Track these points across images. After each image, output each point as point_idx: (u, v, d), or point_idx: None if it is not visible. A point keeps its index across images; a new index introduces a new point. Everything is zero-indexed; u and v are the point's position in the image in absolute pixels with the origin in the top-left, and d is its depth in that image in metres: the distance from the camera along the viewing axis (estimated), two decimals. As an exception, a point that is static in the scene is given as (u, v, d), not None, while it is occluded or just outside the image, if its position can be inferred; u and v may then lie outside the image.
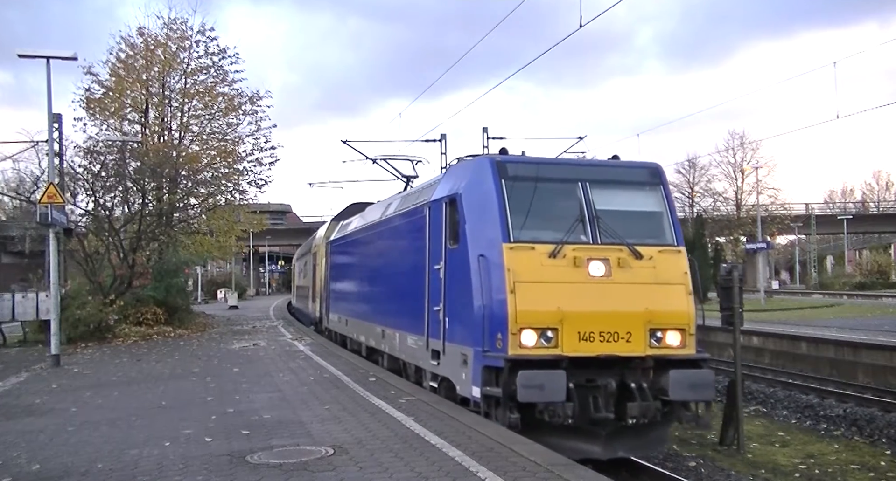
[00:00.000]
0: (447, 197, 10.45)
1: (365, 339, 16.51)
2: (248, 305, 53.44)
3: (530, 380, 8.32)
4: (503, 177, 9.58)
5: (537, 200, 9.61)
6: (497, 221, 9.29)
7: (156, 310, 25.00)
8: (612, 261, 9.19)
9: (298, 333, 24.76)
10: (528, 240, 9.21)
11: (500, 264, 9.00)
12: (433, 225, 10.99)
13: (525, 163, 10.06)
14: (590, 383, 8.81)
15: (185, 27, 30.56)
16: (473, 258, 9.39)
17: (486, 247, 9.30)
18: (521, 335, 8.75)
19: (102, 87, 29.34)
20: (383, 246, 14.81)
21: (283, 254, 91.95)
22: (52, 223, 16.83)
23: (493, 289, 8.99)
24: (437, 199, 10.89)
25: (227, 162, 30.90)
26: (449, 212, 10.33)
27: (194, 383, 13.31)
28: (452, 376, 10.11)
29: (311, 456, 7.49)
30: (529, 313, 8.79)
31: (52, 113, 18.92)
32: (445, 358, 10.30)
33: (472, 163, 10.54)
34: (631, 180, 10.27)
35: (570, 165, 10.46)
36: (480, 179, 9.83)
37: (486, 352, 8.93)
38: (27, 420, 10.14)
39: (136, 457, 7.68)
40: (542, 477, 6.55)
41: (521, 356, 8.64)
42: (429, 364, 11.12)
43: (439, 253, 10.57)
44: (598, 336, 8.88)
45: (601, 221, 9.50)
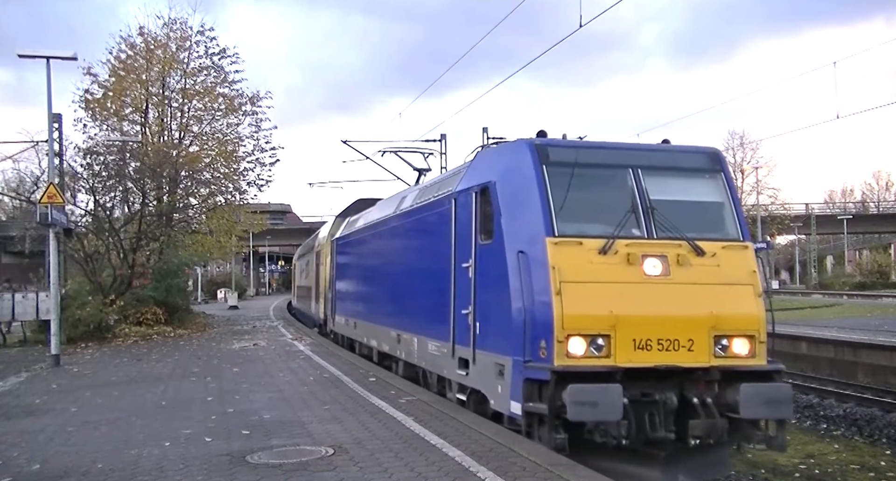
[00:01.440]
0: (477, 186, 9.33)
1: (377, 344, 15.32)
2: (248, 305, 53.44)
3: (582, 396, 7.23)
4: (544, 162, 8.45)
5: (583, 189, 8.49)
6: (539, 213, 8.16)
7: (156, 310, 25.00)
8: (671, 257, 8.10)
9: (298, 333, 24.76)
10: (574, 233, 8.08)
11: (543, 261, 7.91)
12: (460, 218, 9.87)
13: (568, 147, 8.89)
14: (645, 398, 7.68)
15: (184, 27, 30.61)
16: (511, 255, 8.28)
17: (525, 241, 8.20)
18: (569, 343, 7.64)
19: (102, 88, 29.37)
20: (398, 242, 13.75)
21: (283, 254, 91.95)
22: (52, 223, 16.84)
23: (535, 290, 7.88)
24: (465, 190, 9.75)
25: (228, 162, 30.93)
26: (480, 204, 9.23)
27: (194, 383, 13.31)
28: (485, 389, 8.95)
29: (311, 456, 7.49)
30: (578, 318, 7.68)
31: (52, 113, 18.93)
32: (476, 368, 9.16)
33: (507, 147, 9.38)
34: (688, 166, 9.11)
35: (618, 150, 9.21)
36: (518, 166, 8.70)
37: (528, 363, 7.78)
38: (27, 420, 10.14)
39: (136, 457, 7.69)
40: (541, 477, 6.55)
41: (570, 367, 7.53)
42: (455, 374, 9.94)
43: (468, 249, 9.45)
44: (656, 344, 7.76)
45: (656, 213, 8.35)
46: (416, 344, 12.03)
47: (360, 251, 17.45)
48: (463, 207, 9.78)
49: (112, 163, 25.53)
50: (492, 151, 10.03)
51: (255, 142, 31.81)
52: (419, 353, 11.86)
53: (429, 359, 11.34)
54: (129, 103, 29.90)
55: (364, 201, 21.85)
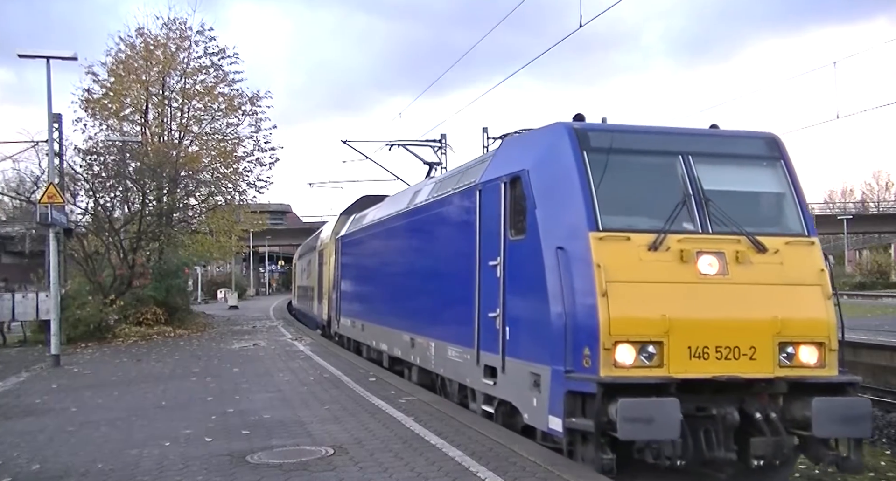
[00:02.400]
0: (507, 176, 8.48)
1: (387, 348, 14.38)
2: (248, 305, 53.44)
3: (635, 412, 6.43)
4: (584, 148, 7.63)
5: (628, 178, 7.76)
6: (581, 204, 7.32)
7: (156, 310, 25.00)
8: (728, 254, 7.28)
9: (298, 333, 24.76)
10: (620, 227, 7.26)
11: (586, 259, 7.09)
12: (485, 212, 9.03)
13: (611, 131, 8.05)
14: (701, 413, 6.89)
15: (184, 27, 30.63)
16: (548, 251, 7.43)
17: (565, 237, 7.36)
18: (617, 351, 6.83)
19: (102, 88, 29.40)
20: (412, 239, 12.87)
21: (283, 254, 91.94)
22: (52, 223, 16.84)
23: (577, 292, 7.05)
24: (491, 180, 8.93)
25: (227, 162, 30.95)
26: (510, 195, 8.40)
27: (194, 383, 13.31)
28: (517, 401, 8.12)
29: (311, 456, 7.49)
30: (627, 322, 6.87)
31: (52, 113, 18.93)
32: (505, 377, 8.31)
33: (542, 133, 8.52)
34: (744, 153, 8.25)
35: (666, 134, 8.33)
36: (555, 152, 7.88)
37: (570, 373, 6.95)
38: (27, 420, 10.14)
39: (136, 457, 7.69)
40: (541, 476, 6.56)
41: (620, 378, 6.73)
42: (480, 383, 9.08)
43: (495, 246, 8.61)
44: (714, 352, 6.94)
45: (711, 205, 7.53)
46: (432, 349, 11.19)
47: (367, 249, 16.59)
48: (489, 200, 8.95)
49: (112, 163, 25.54)
50: (523, 137, 9.19)
51: (254, 143, 31.88)
52: (436, 359, 11.02)
53: (448, 365, 10.46)
54: (129, 103, 29.94)
55: (370, 198, 21.04)
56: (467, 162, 11.16)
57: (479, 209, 9.19)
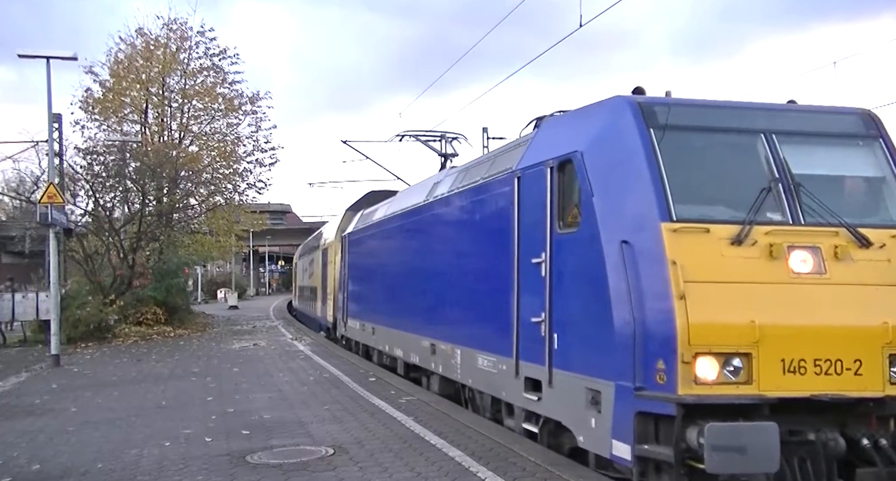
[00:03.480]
0: (553, 160, 7.41)
1: (403, 354, 13.17)
2: (248, 305, 53.45)
3: (728, 439, 5.41)
4: (651, 125, 6.62)
5: (703, 160, 6.79)
6: (650, 190, 6.32)
7: (156, 310, 25.01)
8: (825, 250, 6.24)
9: (298, 333, 24.76)
10: (697, 218, 6.25)
11: (657, 254, 6.08)
12: (526, 202, 7.96)
13: (680, 105, 6.98)
14: (795, 437, 5.84)
15: (184, 27, 30.63)
16: (610, 246, 6.39)
17: (630, 228, 6.34)
18: (697, 364, 5.78)
19: (102, 88, 29.42)
20: (432, 235, 11.67)
21: (283, 254, 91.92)
22: (52, 223, 16.86)
23: (647, 293, 6.04)
24: (533, 166, 7.85)
25: (227, 162, 30.96)
26: (559, 182, 7.33)
27: (194, 383, 13.31)
28: (569, 420, 7.03)
29: (311, 456, 7.49)
30: (709, 330, 5.83)
31: (52, 113, 18.94)
32: (553, 392, 7.22)
33: (597, 109, 7.38)
34: (835, 131, 7.16)
35: (745, 110, 7.29)
36: (616, 131, 6.86)
37: (641, 391, 5.91)
38: (27, 420, 10.14)
39: (136, 457, 7.69)
40: (541, 477, 6.55)
41: (704, 398, 5.71)
42: (520, 397, 7.95)
43: (538, 240, 7.54)
44: (812, 365, 5.89)
45: (802, 191, 6.49)
46: (458, 356, 10.03)
47: (379, 247, 15.48)
48: (530, 188, 7.87)
49: (112, 163, 25.54)
50: (571, 116, 8.00)
51: (254, 143, 31.88)
52: (463, 368, 9.87)
53: (478, 376, 9.31)
54: (129, 103, 29.94)
55: (378, 193, 20.18)
56: (497, 148, 9.95)
57: (518, 199, 8.10)
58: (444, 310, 10.93)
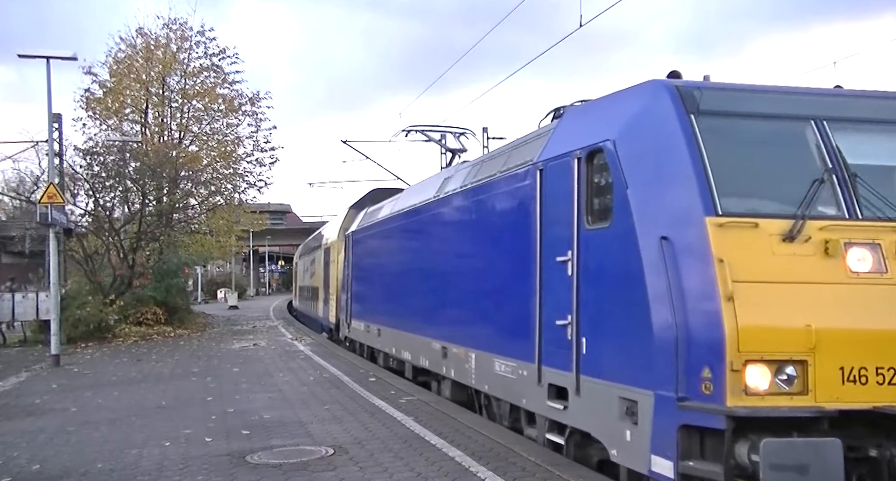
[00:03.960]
0: (581, 150, 6.86)
1: (411, 357, 12.64)
2: (248, 305, 53.46)
3: (786, 457, 4.96)
4: (691, 111, 6.14)
5: (749, 148, 6.26)
6: (692, 181, 5.83)
7: (156, 310, 25.03)
8: (886, 247, 5.75)
9: (298, 333, 24.76)
10: (744, 211, 5.75)
11: (702, 251, 5.60)
12: (549, 196, 7.45)
13: (723, 90, 6.54)
14: (854, 453, 5.31)
15: (184, 27, 30.65)
16: (647, 242, 5.91)
17: (671, 223, 5.85)
18: (747, 372, 5.29)
19: (102, 88, 29.42)
20: (444, 232, 11.10)
21: (283, 254, 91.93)
22: (52, 223, 16.87)
23: (690, 294, 5.55)
24: (558, 157, 7.33)
25: (227, 162, 30.97)
26: (587, 174, 6.80)
27: (194, 383, 13.31)
28: (600, 432, 6.50)
29: (311, 456, 7.49)
30: (761, 334, 5.35)
31: (51, 113, 18.96)
32: (581, 401, 6.69)
33: (630, 94, 6.88)
34: (892, 118, 6.62)
35: (791, 95, 6.72)
36: (653, 117, 6.39)
37: (684, 402, 5.41)
38: (27, 420, 10.14)
39: (136, 457, 7.69)
40: (541, 477, 6.55)
41: (758, 410, 5.22)
42: (543, 406, 7.42)
43: (564, 237, 7.02)
44: (874, 374, 5.41)
45: (860, 182, 5.99)
46: (472, 361, 9.50)
47: (385, 245, 14.94)
48: (554, 181, 7.34)
49: (112, 163, 25.56)
50: (601, 102, 7.44)
51: (254, 143, 31.90)
52: (478, 374, 9.34)
53: (495, 382, 8.77)
54: (129, 103, 29.95)
55: (382, 191, 19.62)
56: (515, 140, 9.38)
57: (540, 193, 7.58)
58: (456, 311, 10.36)
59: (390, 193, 17.35)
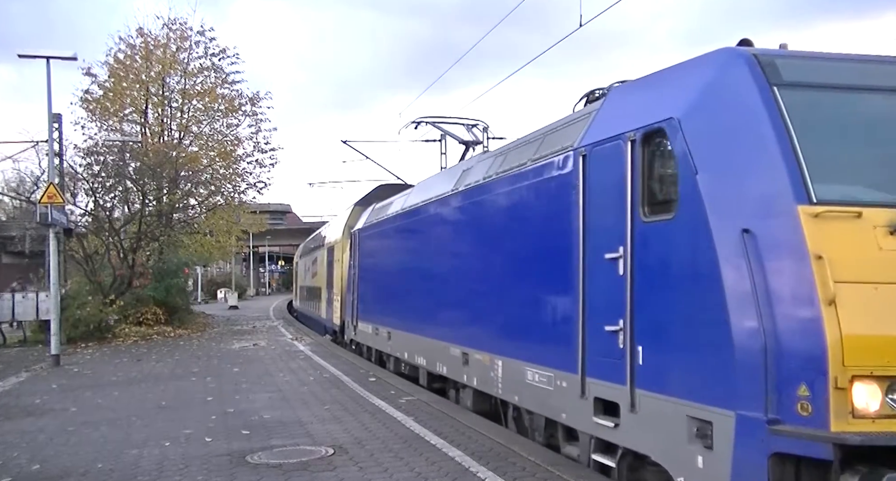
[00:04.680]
0: (637, 131, 6.02)
1: (426, 363, 11.80)
2: (248, 305, 53.44)
3: None
4: (774, 82, 5.32)
5: (843, 126, 5.49)
6: (779, 165, 5.02)
7: (156, 310, 25.03)
8: None
9: (298, 333, 24.75)
10: (844, 200, 4.94)
11: (794, 246, 4.80)
12: (595, 185, 6.60)
13: (809, 59, 5.74)
14: None
15: (184, 27, 30.65)
16: (723, 236, 5.08)
17: (753, 214, 5.03)
18: (854, 390, 4.51)
19: (102, 88, 29.42)
20: (465, 228, 10.26)
21: (283, 254, 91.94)
22: (52, 223, 16.86)
23: (780, 297, 4.76)
24: (605, 140, 6.49)
25: (227, 162, 30.98)
26: (642, 159, 5.98)
27: (194, 383, 13.31)
28: (662, 455, 5.68)
29: (311, 456, 7.49)
30: (870, 345, 4.57)
31: (51, 113, 18.95)
32: (638, 418, 5.87)
33: (699, 65, 6.01)
34: None
35: (886, 64, 5.87)
36: (727, 90, 5.57)
37: (776, 425, 4.62)
38: (27, 420, 10.14)
39: (136, 457, 7.69)
40: (541, 477, 6.55)
41: (872, 437, 4.44)
42: (588, 422, 6.61)
43: (615, 231, 6.19)
44: None
45: None
46: (499, 368, 8.69)
47: (397, 242, 14.15)
48: (601, 167, 6.53)
49: (112, 163, 25.56)
50: (657, 77, 6.57)
51: (254, 143, 31.90)
52: (506, 383, 8.52)
53: (527, 393, 7.92)
54: (129, 103, 29.95)
55: (389, 187, 18.94)
56: (547, 126, 8.36)
57: (583, 182, 6.75)
58: (480, 314, 9.46)
59: (398, 190, 16.66)
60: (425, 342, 11.72)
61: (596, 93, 7.67)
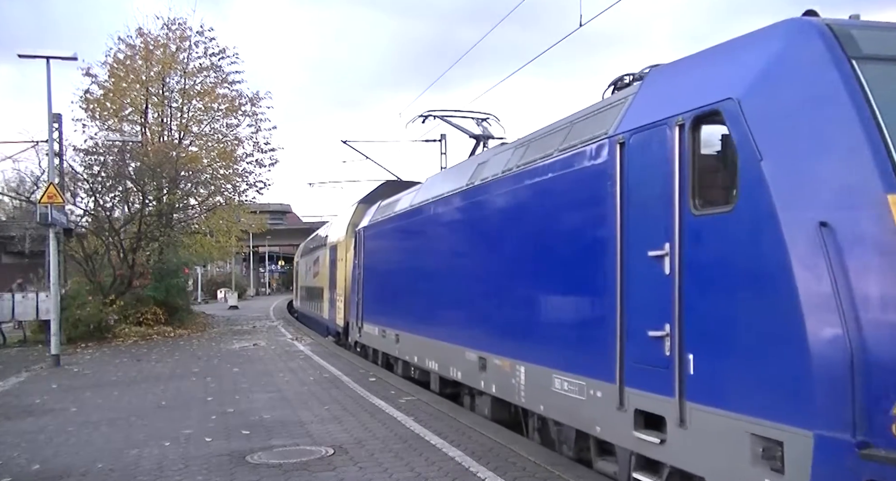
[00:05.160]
0: (686, 114, 5.39)
1: (438, 367, 11.12)
2: (248, 305, 53.46)
3: None
4: (852, 55, 4.74)
5: None
6: (863, 148, 4.44)
7: (156, 310, 25.04)
8: None
9: (298, 333, 24.76)
10: None
11: (884, 242, 4.28)
12: (635, 175, 5.99)
13: (889, 30, 5.20)
14: None
15: (184, 27, 30.66)
16: (794, 230, 4.50)
17: (831, 205, 4.48)
18: None
19: (102, 89, 29.44)
20: (482, 224, 9.55)
21: (283, 254, 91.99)
22: (52, 223, 16.87)
23: (867, 300, 4.24)
24: (647, 126, 5.89)
25: (227, 162, 30.99)
26: (695, 145, 5.37)
27: (194, 383, 13.31)
28: (718, 478, 5.04)
29: (311, 456, 7.50)
30: None
31: (52, 113, 18.96)
32: (688, 434, 5.24)
33: (759, 38, 5.35)
34: None
35: None
36: (796, 65, 4.95)
37: (867, 448, 4.08)
38: (27, 420, 10.14)
39: (136, 457, 7.69)
40: (541, 477, 6.55)
41: None
42: (627, 437, 5.96)
43: (660, 226, 5.57)
44: None
45: None
46: (521, 375, 8.01)
47: (406, 240, 13.56)
48: (642, 156, 5.93)
49: (112, 163, 25.57)
50: (707, 55, 5.91)
51: (254, 144, 31.91)
52: (530, 391, 7.84)
53: (554, 402, 7.23)
54: (129, 103, 29.96)
55: (395, 184, 18.43)
56: (571, 114, 7.81)
57: (621, 172, 6.14)
58: (499, 316, 8.85)
59: (403, 187, 16.29)
60: (437, 345, 11.10)
61: (625, 79, 7.15)
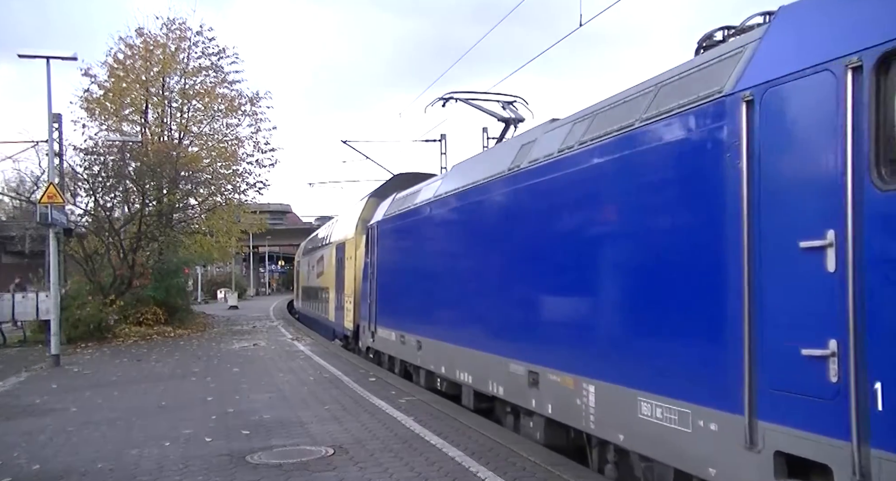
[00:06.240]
0: (864, 53, 4.05)
1: (472, 380, 9.65)
2: (248, 305, 53.43)
3: None
4: None
5: None
6: None
7: (156, 310, 25.04)
8: None
9: (298, 333, 24.76)
10: None
11: None
12: (773, 142, 4.65)
13: None
14: None
15: (183, 27, 30.67)
16: None
17: None
18: None
19: (101, 89, 29.45)
20: (535, 213, 7.97)
21: (283, 254, 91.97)
22: (52, 223, 16.87)
23: None
24: (793, 75, 4.52)
25: (227, 163, 31.01)
26: (880, 94, 4.00)
27: (194, 383, 13.31)
28: None
29: (311, 456, 7.50)
30: None
31: (52, 113, 18.96)
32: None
33: None
34: None
35: None
36: None
37: None
38: (27, 420, 10.14)
39: (136, 457, 7.69)
40: (541, 477, 6.55)
41: None
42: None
43: (818, 208, 4.29)
44: None
45: None
46: (590, 394, 6.59)
47: (430, 235, 12.03)
48: (786, 116, 4.60)
49: (112, 163, 25.57)
50: None
51: (254, 144, 31.92)
52: (602, 414, 6.44)
53: (640, 431, 5.84)
54: (129, 103, 29.97)
55: (410, 176, 17.22)
56: (653, 77, 6.41)
57: (749, 139, 4.79)
58: (558, 321, 7.51)
59: (419, 178, 15.04)
60: (471, 354, 9.63)
61: (714, 36, 6.01)
